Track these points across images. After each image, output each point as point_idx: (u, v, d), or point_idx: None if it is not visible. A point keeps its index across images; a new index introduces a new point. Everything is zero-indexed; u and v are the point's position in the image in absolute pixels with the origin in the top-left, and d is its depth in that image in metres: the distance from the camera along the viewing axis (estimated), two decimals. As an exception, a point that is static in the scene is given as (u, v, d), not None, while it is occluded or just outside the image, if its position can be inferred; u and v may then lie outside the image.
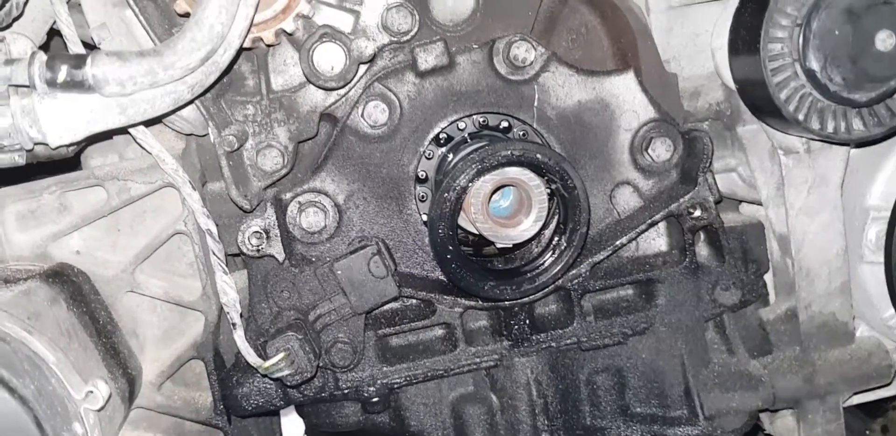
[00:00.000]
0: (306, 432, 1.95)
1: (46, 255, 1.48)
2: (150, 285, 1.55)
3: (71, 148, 1.33)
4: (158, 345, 1.59)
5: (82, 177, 1.47)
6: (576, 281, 1.66)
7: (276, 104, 1.52)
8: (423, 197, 1.64)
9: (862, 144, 1.70)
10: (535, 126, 1.63)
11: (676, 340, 1.73)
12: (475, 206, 1.47)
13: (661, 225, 1.71)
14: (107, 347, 1.41)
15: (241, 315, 1.48)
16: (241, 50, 1.31)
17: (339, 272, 1.53)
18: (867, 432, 2.70)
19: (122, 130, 1.31)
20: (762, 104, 1.55)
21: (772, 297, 1.85)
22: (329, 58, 1.45)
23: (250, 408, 1.61)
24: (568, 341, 1.69)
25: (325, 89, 1.53)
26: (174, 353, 1.59)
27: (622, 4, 1.65)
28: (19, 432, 1.09)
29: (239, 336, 1.46)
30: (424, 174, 1.63)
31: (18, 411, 1.09)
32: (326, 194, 1.57)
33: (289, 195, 1.56)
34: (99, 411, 1.22)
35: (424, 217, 1.64)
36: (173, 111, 1.32)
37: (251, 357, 1.45)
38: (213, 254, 1.46)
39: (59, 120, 1.20)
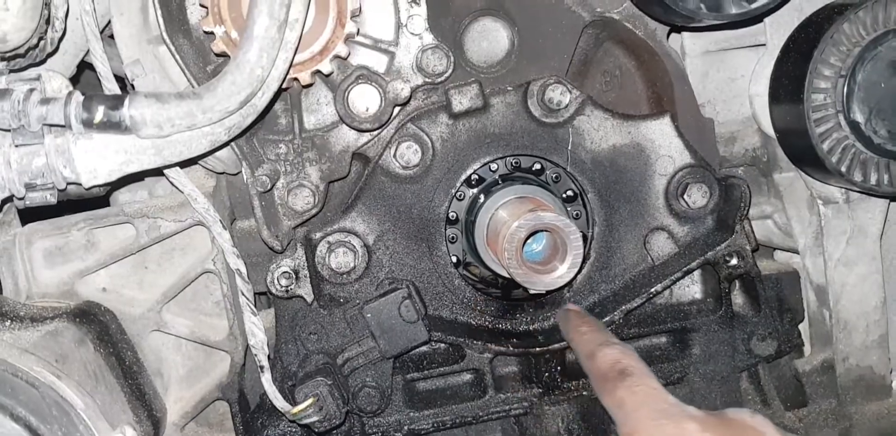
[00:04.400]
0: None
1: (73, 292, 1.46)
2: (177, 324, 1.53)
3: (103, 187, 1.32)
4: (182, 385, 1.56)
5: (112, 214, 1.45)
6: (609, 328, 1.62)
7: (308, 143, 1.51)
8: (453, 239, 1.61)
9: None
10: (568, 169, 1.62)
11: (711, 390, 1.69)
12: (509, 251, 1.44)
13: (697, 273, 1.69)
14: (132, 388, 1.38)
15: (268, 357, 1.46)
16: (279, 92, 1.30)
17: (368, 315, 1.51)
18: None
19: (157, 171, 1.30)
20: (803, 154, 1.53)
21: (807, 348, 1.80)
22: (364, 99, 1.44)
23: None
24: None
25: (360, 130, 1.51)
26: (198, 393, 1.56)
27: (659, 49, 1.63)
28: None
29: (266, 379, 1.44)
30: (455, 215, 1.61)
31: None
32: (356, 235, 1.55)
33: (318, 235, 1.54)
34: (126, 456, 1.19)
35: (454, 258, 1.61)
36: (210, 153, 1.30)
37: (278, 402, 1.42)
38: (243, 294, 1.44)
39: (93, 160, 1.18)
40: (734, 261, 1.63)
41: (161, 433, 1.46)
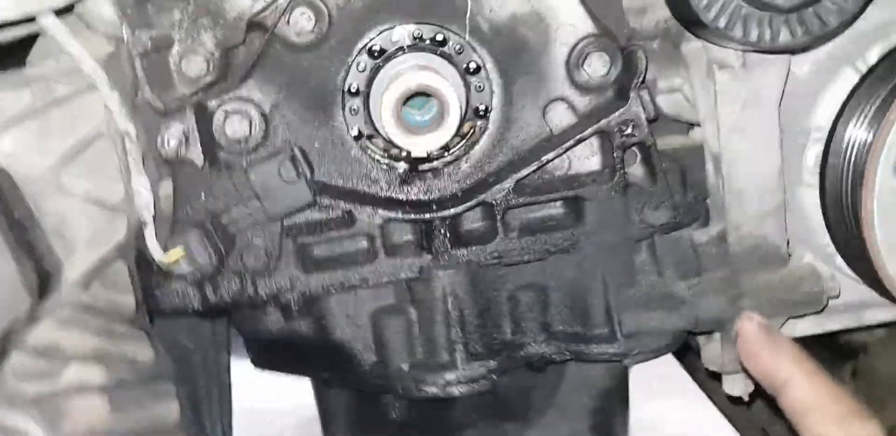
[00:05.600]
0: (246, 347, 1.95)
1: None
2: (75, 187, 1.56)
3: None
4: (87, 247, 1.60)
5: (11, 77, 1.47)
6: (499, 196, 1.65)
7: (202, 10, 1.52)
8: (354, 110, 1.62)
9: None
10: (466, 38, 1.60)
11: (601, 259, 1.73)
12: (387, 109, 1.46)
13: (595, 144, 1.69)
14: (18, 240, 1.41)
15: (153, 216, 1.49)
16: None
17: (252, 177, 1.54)
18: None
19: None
20: (685, 13, 1.50)
21: (712, 221, 1.81)
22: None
23: (169, 309, 1.63)
24: (489, 256, 1.70)
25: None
26: (99, 254, 1.61)
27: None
28: None
29: (149, 234, 1.48)
30: (357, 87, 1.61)
31: None
32: (253, 103, 1.58)
33: (214, 102, 1.56)
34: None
35: (355, 130, 1.62)
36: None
37: (156, 253, 1.46)
38: (130, 155, 1.46)
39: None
40: (629, 130, 1.63)
41: (51, 287, 1.51)
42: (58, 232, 1.58)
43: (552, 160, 1.65)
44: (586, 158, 1.70)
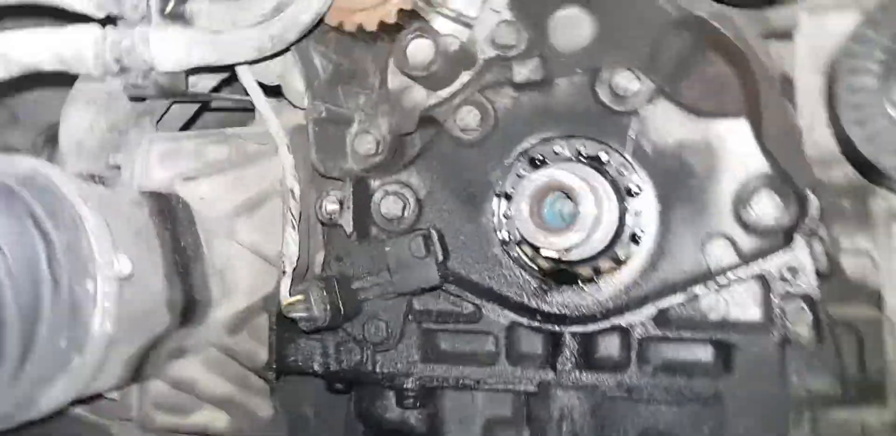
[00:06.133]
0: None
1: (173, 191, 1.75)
2: (245, 237, 1.73)
3: (180, 78, 1.62)
4: (243, 293, 1.76)
5: (213, 133, 1.75)
6: (638, 322, 1.59)
7: (384, 98, 1.71)
8: (505, 214, 1.66)
9: None
10: (628, 158, 1.61)
11: (748, 419, 1.54)
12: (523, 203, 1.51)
13: (757, 291, 1.56)
14: (176, 263, 1.60)
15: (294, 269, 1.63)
16: (320, 23, 1.55)
17: (388, 249, 1.63)
18: None
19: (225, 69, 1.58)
20: (847, 150, 1.39)
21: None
22: (423, 52, 1.62)
23: (292, 366, 1.71)
24: (617, 387, 1.60)
25: (418, 82, 1.67)
26: (251, 301, 1.76)
27: (748, 50, 1.60)
28: (30, 265, 1.30)
29: (284, 282, 1.61)
30: (511, 192, 1.65)
31: (36, 246, 1.31)
32: (411, 188, 1.70)
33: (377, 182, 1.71)
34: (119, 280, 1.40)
35: (504, 234, 1.67)
36: (258, 60, 1.57)
37: (283, 295, 1.57)
38: (289, 210, 1.64)
39: (164, 47, 1.49)
40: (793, 278, 1.51)
41: (198, 317, 1.67)
42: (220, 273, 1.75)
43: (704, 297, 1.56)
44: (745, 304, 1.57)
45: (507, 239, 1.67)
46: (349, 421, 1.91)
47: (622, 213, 1.60)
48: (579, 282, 1.65)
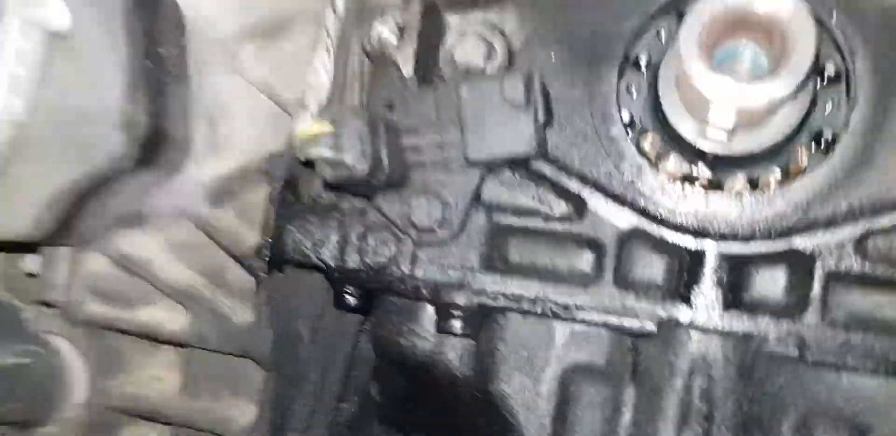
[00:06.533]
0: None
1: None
2: (252, 68, 1.22)
3: None
4: (239, 151, 1.23)
5: None
6: (828, 248, 1.04)
7: None
8: (629, 86, 1.12)
9: None
10: (833, 22, 1.05)
11: None
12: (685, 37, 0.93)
13: None
14: (146, 71, 1.05)
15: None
16: None
17: (464, 94, 1.06)
18: None
19: None
20: None
21: None
22: None
23: (293, 254, 1.17)
24: (785, 339, 1.05)
25: None
26: (246, 160, 1.22)
27: None
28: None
29: (303, 117, 1.06)
30: (647, 58, 1.12)
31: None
32: (501, 32, 1.15)
33: (456, 18, 1.16)
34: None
35: (626, 115, 1.12)
36: None
37: (299, 128, 1.01)
38: (326, 29, 1.09)
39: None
40: None
41: (167, 163, 1.13)
42: (210, 117, 1.21)
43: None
44: None
45: (631, 121, 1.12)
46: (358, 350, 1.35)
47: (811, 108, 1.05)
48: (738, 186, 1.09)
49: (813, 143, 1.07)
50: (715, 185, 1.10)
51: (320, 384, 1.33)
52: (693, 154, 1.09)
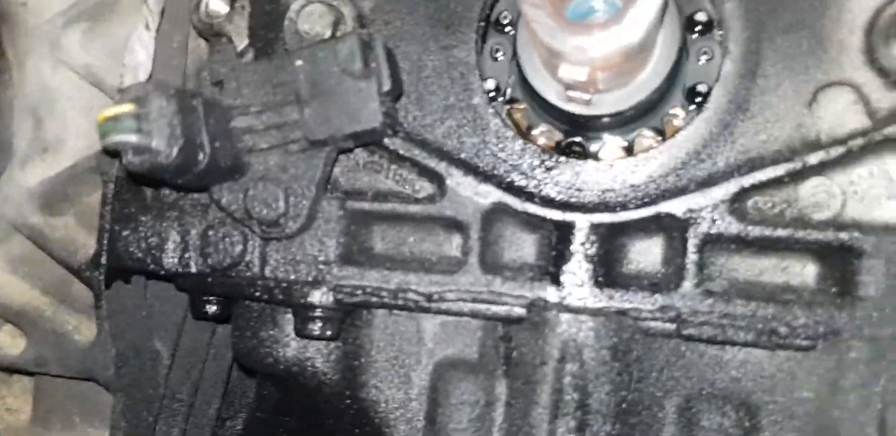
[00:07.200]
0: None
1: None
2: (77, 55, 1.12)
3: None
4: (70, 149, 1.13)
5: None
6: (700, 211, 0.97)
7: None
8: (495, 50, 1.05)
9: None
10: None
11: (881, 374, 0.93)
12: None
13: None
14: None
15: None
16: None
17: (298, 63, 0.97)
18: None
19: None
20: None
21: None
22: None
23: (130, 262, 1.06)
24: (658, 313, 0.97)
25: None
26: (75, 160, 1.12)
27: None
28: None
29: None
30: (510, 18, 1.06)
31: None
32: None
33: None
34: None
35: (491, 83, 1.05)
36: None
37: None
38: (146, 2, 0.99)
39: None
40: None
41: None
42: (33, 112, 1.11)
43: (807, 181, 0.95)
44: (878, 194, 0.96)
45: (497, 89, 1.05)
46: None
47: (682, 61, 0.99)
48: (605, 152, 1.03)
49: (687, 101, 1.02)
50: (588, 153, 1.03)
51: (190, 404, 1.21)
52: (563, 121, 1.02)
